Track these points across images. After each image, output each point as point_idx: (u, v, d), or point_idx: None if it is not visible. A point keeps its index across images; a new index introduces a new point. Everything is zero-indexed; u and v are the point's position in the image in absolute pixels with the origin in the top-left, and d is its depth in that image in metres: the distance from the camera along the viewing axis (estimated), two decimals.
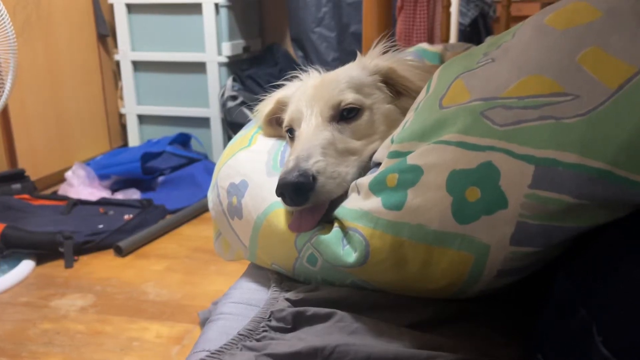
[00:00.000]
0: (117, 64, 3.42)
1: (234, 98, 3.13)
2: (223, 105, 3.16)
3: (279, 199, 0.72)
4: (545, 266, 0.63)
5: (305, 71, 0.93)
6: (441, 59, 1.44)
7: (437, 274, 0.63)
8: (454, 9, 2.41)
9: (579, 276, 0.56)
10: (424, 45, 1.56)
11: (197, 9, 3.14)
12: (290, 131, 0.84)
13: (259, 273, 0.85)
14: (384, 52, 0.87)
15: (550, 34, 0.63)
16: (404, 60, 0.86)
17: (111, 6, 3.29)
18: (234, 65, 3.28)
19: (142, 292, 2.04)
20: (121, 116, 3.57)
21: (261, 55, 3.49)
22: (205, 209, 2.75)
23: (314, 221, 0.70)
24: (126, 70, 3.34)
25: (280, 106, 0.90)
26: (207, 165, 3.09)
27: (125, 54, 3.31)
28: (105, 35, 3.40)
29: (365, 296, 0.69)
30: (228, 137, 3.26)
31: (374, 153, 0.77)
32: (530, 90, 0.59)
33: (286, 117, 0.85)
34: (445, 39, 2.21)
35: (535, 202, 0.56)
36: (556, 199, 0.55)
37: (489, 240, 0.59)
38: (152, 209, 2.63)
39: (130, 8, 3.25)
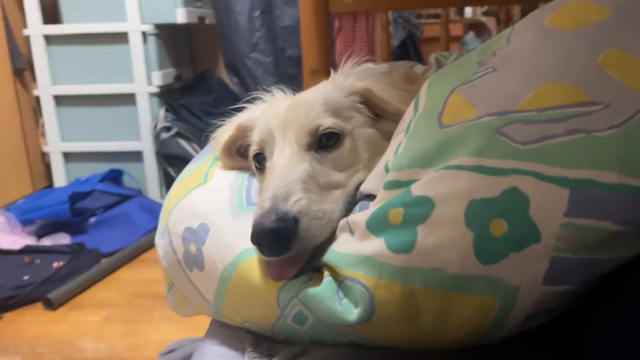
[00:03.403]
0: (37, 99, 3.17)
1: (167, 129, 2.97)
2: (156, 137, 2.99)
3: (251, 245, 0.60)
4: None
5: (269, 91, 0.82)
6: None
7: (455, 324, 0.53)
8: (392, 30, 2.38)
9: (629, 317, 0.47)
10: (370, 65, 1.49)
11: (122, 38, 2.97)
12: (259, 159, 0.72)
13: (227, 332, 0.71)
14: (356, 68, 0.77)
15: (558, 36, 0.55)
16: (379, 79, 0.76)
17: (27, 38, 3.06)
18: (166, 95, 3.12)
19: (78, 349, 1.83)
20: (44, 155, 3.31)
21: (194, 83, 3.34)
22: (143, 249, 2.57)
23: (300, 265, 0.58)
24: (47, 106, 3.10)
25: (243, 132, 0.79)
26: (142, 201, 2.90)
27: (45, 88, 3.07)
28: (22, 69, 3.15)
29: (365, 356, 0.58)
30: (163, 171, 3.09)
31: (359, 185, 0.66)
32: (551, 101, 0.50)
33: (255, 139, 0.73)
34: (387, 58, 2.17)
35: (573, 232, 0.47)
36: (597, 227, 0.46)
37: (519, 281, 0.49)
38: (85, 254, 2.43)
39: (49, 39, 3.03)
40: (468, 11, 5.58)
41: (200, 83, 3.33)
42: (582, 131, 0.48)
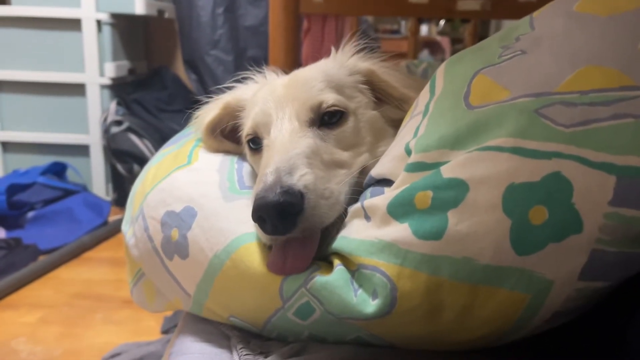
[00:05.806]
0: None
1: (118, 123, 2.83)
2: (106, 131, 2.84)
3: (249, 230, 0.54)
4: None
5: (260, 72, 0.76)
6: None
7: (477, 322, 0.48)
8: None
9: None
10: None
11: (75, 24, 2.82)
12: (254, 141, 0.66)
13: (206, 328, 0.64)
14: (359, 50, 0.73)
15: (593, 21, 0.52)
16: (383, 63, 0.72)
17: None
18: (118, 88, 2.97)
19: (11, 352, 1.68)
20: None
21: (148, 79, 3.21)
22: (86, 247, 2.42)
23: (306, 258, 0.52)
24: None
25: (230, 112, 0.72)
26: (86, 197, 2.75)
27: None
28: None
29: (370, 357, 0.52)
30: (111, 166, 2.94)
31: (363, 169, 0.61)
32: (593, 84, 0.47)
33: (247, 123, 0.67)
34: None
35: (617, 223, 0.44)
36: None
37: (554, 275, 0.45)
38: (21, 250, 2.27)
39: None
40: (423, 29, 5.68)
41: (155, 78, 3.20)
42: (629, 116, 0.45)
